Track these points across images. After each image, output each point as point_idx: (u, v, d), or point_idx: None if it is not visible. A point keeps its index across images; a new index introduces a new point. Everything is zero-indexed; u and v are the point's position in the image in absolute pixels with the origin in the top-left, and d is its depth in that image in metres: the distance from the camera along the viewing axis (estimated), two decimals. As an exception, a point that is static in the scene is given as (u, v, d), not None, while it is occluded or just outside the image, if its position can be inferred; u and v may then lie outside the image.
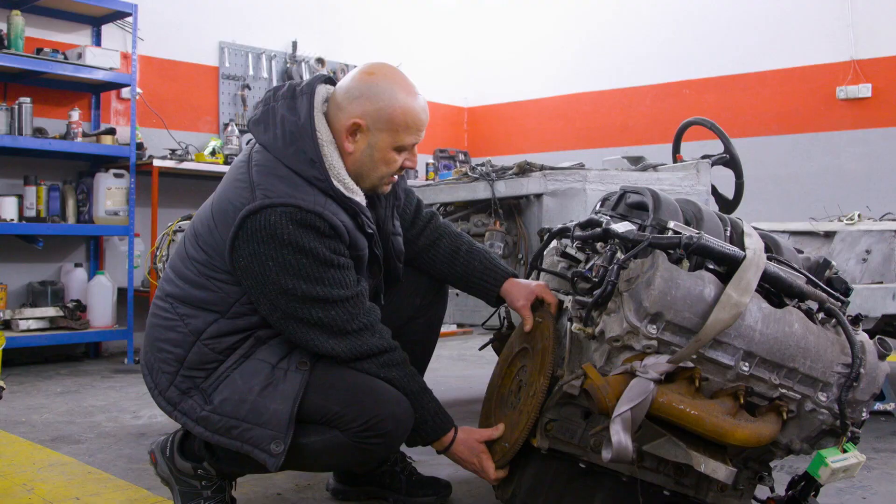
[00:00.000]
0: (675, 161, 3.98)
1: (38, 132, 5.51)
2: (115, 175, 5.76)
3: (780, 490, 2.30)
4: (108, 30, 6.24)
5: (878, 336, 2.17)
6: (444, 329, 7.39)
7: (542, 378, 2.19)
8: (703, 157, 3.77)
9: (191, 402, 2.26)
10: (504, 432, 2.36)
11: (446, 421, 2.41)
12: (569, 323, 2.16)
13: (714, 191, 3.89)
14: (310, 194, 2.21)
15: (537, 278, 2.54)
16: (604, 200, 2.53)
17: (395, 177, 2.41)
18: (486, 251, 2.67)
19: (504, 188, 3.31)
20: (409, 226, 2.66)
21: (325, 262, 2.21)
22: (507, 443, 2.32)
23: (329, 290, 2.21)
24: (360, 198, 2.32)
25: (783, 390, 2.06)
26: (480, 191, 3.36)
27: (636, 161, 3.87)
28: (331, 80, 2.44)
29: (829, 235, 3.78)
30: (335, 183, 2.25)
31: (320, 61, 7.40)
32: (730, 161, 3.90)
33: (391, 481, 2.70)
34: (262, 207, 2.17)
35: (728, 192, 3.99)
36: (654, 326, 1.97)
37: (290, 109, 2.29)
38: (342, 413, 2.20)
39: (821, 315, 2.17)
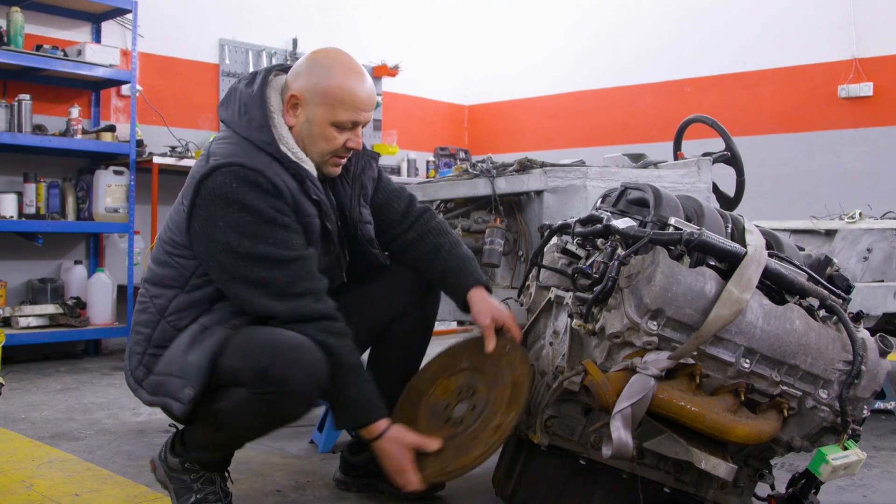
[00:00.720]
0: (676, 159, 3.97)
1: (38, 129, 5.50)
2: (115, 172, 5.76)
3: (781, 488, 2.29)
4: (107, 27, 6.23)
5: (879, 334, 2.16)
6: (443, 327, 7.46)
7: (514, 413, 2.17)
8: (705, 154, 3.77)
9: (138, 372, 2.37)
10: (447, 451, 2.29)
11: (379, 408, 2.33)
12: (569, 319, 2.15)
13: (715, 188, 3.89)
14: (256, 156, 2.29)
15: (538, 275, 2.53)
16: (604, 197, 2.53)
17: (342, 159, 2.45)
18: (467, 255, 2.66)
19: (505, 185, 3.31)
20: (399, 220, 2.68)
21: (268, 221, 2.25)
22: (450, 464, 2.25)
23: (272, 249, 2.24)
24: (308, 165, 2.38)
25: (784, 387, 2.06)
26: (481, 187, 3.35)
27: (637, 158, 3.87)
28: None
29: (830, 234, 3.77)
30: (281, 147, 2.33)
31: (321, 59, 7.38)
32: (731, 159, 3.89)
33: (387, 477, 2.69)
34: (211, 170, 2.25)
35: (729, 190, 3.98)
36: (655, 323, 1.96)
37: (247, 85, 2.41)
38: (241, 367, 2.17)
39: (822, 312, 2.17)
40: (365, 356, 2.69)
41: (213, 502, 2.37)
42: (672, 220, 2.10)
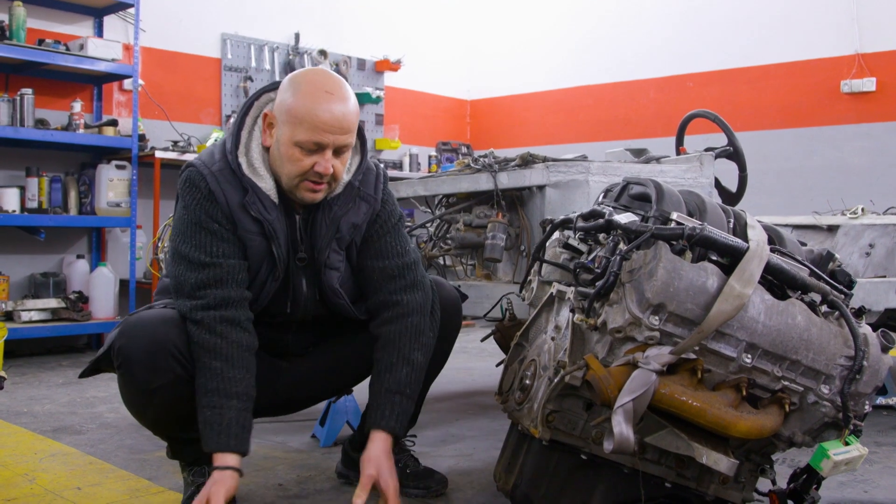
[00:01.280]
0: (678, 154, 3.97)
1: (40, 123, 5.51)
2: (117, 167, 5.76)
3: (782, 483, 2.29)
4: (110, 21, 6.23)
5: (881, 329, 2.16)
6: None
7: None
8: (707, 149, 3.76)
9: None
10: None
11: (226, 442, 2.22)
12: (571, 314, 2.15)
13: (717, 184, 3.88)
14: (215, 162, 2.32)
15: (540, 270, 2.53)
16: (606, 192, 2.53)
17: (317, 185, 2.30)
18: (404, 387, 2.44)
19: (507, 180, 3.30)
20: (388, 280, 2.51)
21: (196, 223, 2.29)
22: None
23: (191, 250, 2.29)
24: (264, 182, 2.30)
25: (785, 382, 2.06)
26: (483, 182, 3.35)
27: (639, 153, 3.86)
28: None
29: (832, 229, 3.77)
30: (239, 157, 2.31)
31: (323, 53, 7.39)
32: (733, 154, 3.89)
33: None
34: (182, 170, 2.38)
35: (731, 185, 3.98)
36: (657, 317, 1.96)
37: (253, 94, 2.42)
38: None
39: (824, 307, 2.17)
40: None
41: None
42: (674, 215, 2.09)
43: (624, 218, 2.14)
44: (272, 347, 2.53)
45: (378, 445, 2.35)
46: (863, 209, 3.92)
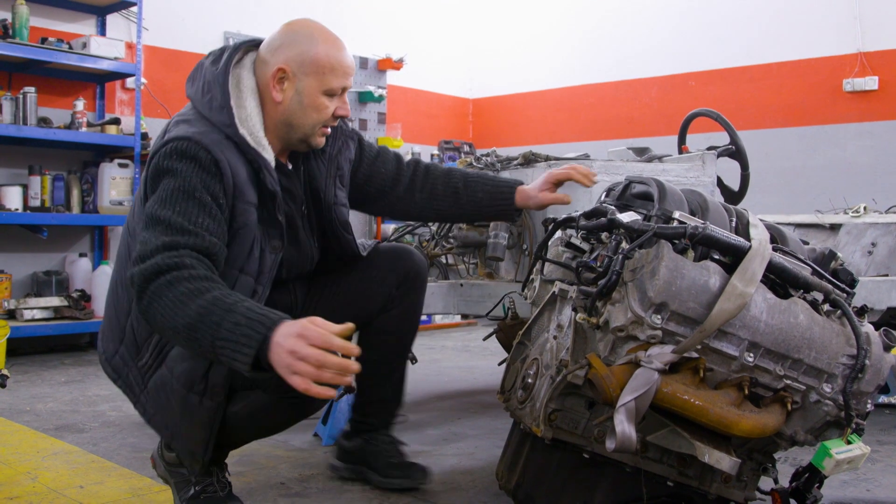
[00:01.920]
0: (680, 152, 3.97)
1: (43, 122, 5.51)
2: (120, 165, 5.77)
3: (784, 482, 2.29)
4: (112, 19, 6.24)
5: (883, 328, 2.16)
6: (447, 320, 7.46)
7: None
8: (709, 148, 3.76)
9: (130, 377, 2.30)
10: None
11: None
12: (573, 313, 2.15)
13: (719, 182, 3.88)
14: (208, 135, 2.19)
15: (542, 268, 2.53)
16: (609, 191, 2.52)
17: (328, 128, 2.41)
18: (479, 177, 2.76)
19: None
20: (392, 183, 2.73)
21: (185, 191, 2.10)
22: None
23: (174, 216, 2.05)
24: (267, 153, 2.27)
25: (788, 381, 2.06)
26: (485, 181, 3.34)
27: (641, 152, 3.86)
28: None
29: (834, 228, 3.77)
30: (241, 130, 2.23)
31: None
32: (735, 153, 3.88)
33: (374, 461, 2.73)
34: (159, 148, 2.18)
35: (734, 184, 3.98)
36: (659, 316, 1.96)
37: (212, 63, 2.34)
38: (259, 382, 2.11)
39: (826, 306, 2.17)
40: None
41: (211, 493, 2.37)
42: (676, 214, 2.09)
43: (626, 217, 2.13)
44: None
45: (524, 191, 2.74)
46: (865, 208, 3.92)
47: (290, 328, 1.79)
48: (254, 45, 2.43)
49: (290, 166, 2.46)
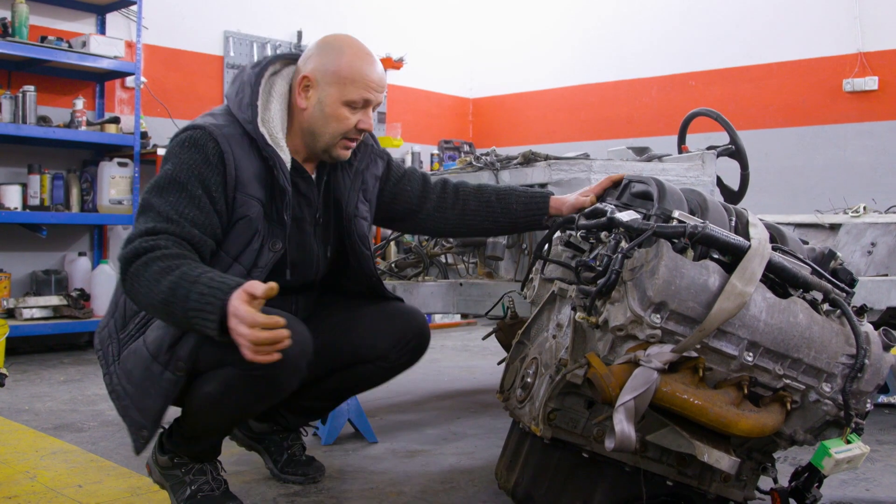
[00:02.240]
0: (680, 152, 3.97)
1: (43, 120, 5.51)
2: (120, 164, 5.76)
3: (784, 481, 2.29)
4: (112, 18, 6.24)
5: (882, 328, 2.16)
6: (447, 320, 7.46)
7: None
8: (709, 148, 3.75)
9: (110, 349, 2.37)
10: None
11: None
12: (572, 312, 2.15)
13: (719, 182, 3.88)
14: (227, 127, 2.30)
15: (542, 268, 2.53)
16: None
17: (353, 142, 2.44)
18: (511, 189, 2.78)
19: (509, 178, 3.30)
20: (419, 202, 2.75)
21: (179, 182, 2.20)
22: None
23: (163, 205, 2.16)
24: (283, 154, 2.34)
25: (787, 381, 2.05)
26: (485, 180, 3.34)
27: (641, 152, 3.86)
28: None
29: (834, 228, 3.76)
30: (261, 127, 2.31)
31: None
32: (735, 152, 3.88)
33: (276, 453, 2.78)
34: (177, 134, 2.32)
35: (733, 183, 3.98)
36: (658, 316, 1.96)
37: (253, 67, 2.43)
38: (224, 357, 2.11)
39: (825, 306, 2.16)
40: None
41: (207, 492, 2.38)
42: (676, 214, 2.09)
43: (626, 216, 2.13)
44: None
45: (557, 200, 2.73)
46: (865, 208, 3.91)
47: (232, 304, 1.93)
48: (293, 58, 2.50)
49: (313, 175, 2.50)
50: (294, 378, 2.21)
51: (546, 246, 2.56)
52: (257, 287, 1.92)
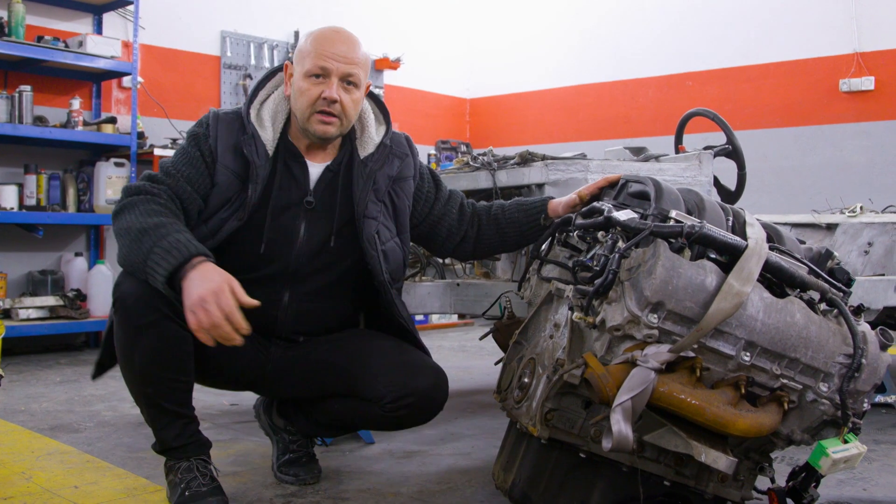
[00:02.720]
0: (677, 152, 3.97)
1: (39, 120, 5.50)
2: (116, 164, 5.76)
3: (781, 481, 2.29)
4: (109, 18, 6.23)
5: (879, 327, 2.16)
6: (444, 320, 7.46)
7: None
8: (706, 148, 3.76)
9: None
10: None
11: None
12: (570, 312, 2.15)
13: (716, 182, 3.88)
14: (227, 112, 2.57)
15: (539, 268, 2.53)
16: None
17: (328, 116, 2.47)
18: (513, 201, 2.83)
19: (506, 178, 3.30)
20: (457, 225, 2.81)
21: (186, 149, 2.51)
22: None
23: (167, 163, 2.49)
24: (265, 133, 2.51)
25: (784, 380, 2.05)
26: (482, 180, 3.34)
27: (638, 152, 3.86)
28: None
29: (831, 228, 3.76)
30: (251, 109, 2.55)
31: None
32: (732, 152, 3.89)
33: (280, 450, 2.81)
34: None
35: (730, 183, 3.98)
36: (655, 316, 1.96)
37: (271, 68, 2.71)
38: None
39: (823, 305, 2.16)
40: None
41: (195, 489, 2.38)
42: (673, 213, 2.09)
43: (623, 215, 2.13)
44: (262, 320, 2.45)
45: (554, 203, 2.73)
46: (861, 207, 3.91)
47: (214, 279, 2.10)
48: None
49: (320, 163, 2.59)
50: (139, 307, 2.29)
51: (543, 246, 2.56)
52: (241, 293, 2.12)
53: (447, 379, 2.62)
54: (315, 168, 2.58)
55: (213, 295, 2.07)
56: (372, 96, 2.72)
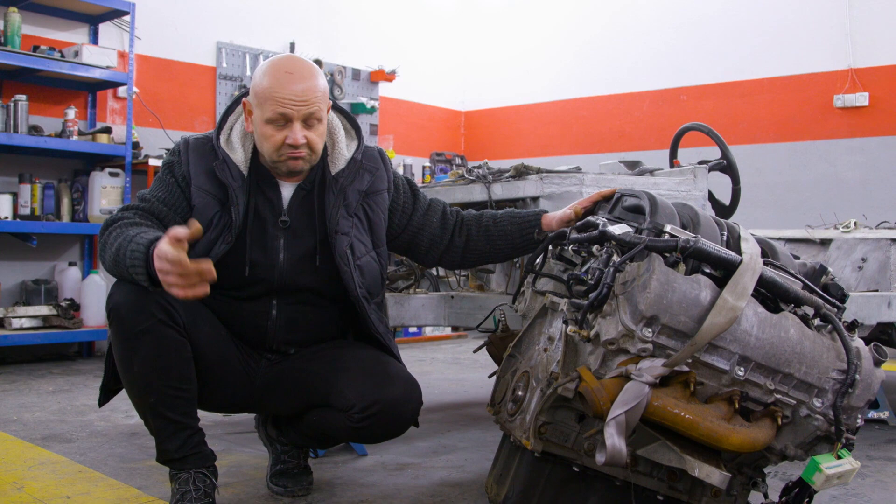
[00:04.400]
0: (672, 166, 3.98)
1: (34, 130, 5.50)
2: (111, 174, 5.76)
3: (774, 496, 2.29)
4: (105, 28, 6.24)
5: (873, 343, 2.16)
6: (438, 332, 7.45)
7: None
8: (701, 162, 3.77)
9: None
10: None
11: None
12: (564, 325, 2.15)
13: (711, 196, 3.88)
14: (199, 138, 2.61)
15: (533, 281, 2.53)
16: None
17: (297, 157, 2.47)
18: (507, 212, 2.83)
19: (500, 191, 3.30)
20: (440, 233, 2.80)
21: (161, 176, 2.58)
22: None
23: (145, 191, 2.56)
24: (234, 154, 2.54)
25: (778, 395, 2.05)
26: (477, 193, 3.34)
27: (633, 166, 3.87)
28: None
29: (825, 243, 3.78)
30: (221, 135, 2.58)
31: (318, 63, 7.39)
32: (727, 167, 3.89)
33: (273, 460, 2.82)
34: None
35: (725, 198, 3.99)
36: (650, 330, 1.96)
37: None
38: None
39: (817, 321, 2.17)
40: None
41: (189, 501, 2.38)
42: (668, 228, 2.09)
43: (618, 229, 2.13)
44: (252, 333, 2.57)
45: (548, 217, 2.75)
46: (855, 223, 3.93)
47: (160, 248, 2.13)
48: None
49: (290, 184, 2.59)
50: (131, 314, 2.34)
51: (538, 259, 2.56)
52: (180, 230, 2.09)
53: (420, 391, 2.55)
54: (287, 188, 2.59)
55: (158, 261, 2.13)
56: (342, 111, 2.71)
